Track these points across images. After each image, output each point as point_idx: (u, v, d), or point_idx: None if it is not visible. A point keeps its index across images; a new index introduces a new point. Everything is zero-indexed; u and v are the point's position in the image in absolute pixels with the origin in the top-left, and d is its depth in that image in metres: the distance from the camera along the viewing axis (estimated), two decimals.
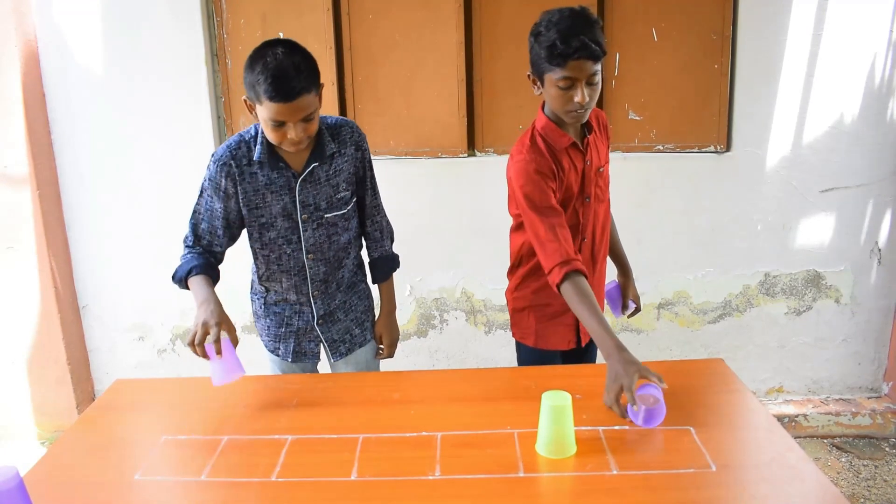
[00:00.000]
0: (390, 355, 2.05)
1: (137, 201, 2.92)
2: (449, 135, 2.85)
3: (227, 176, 1.72)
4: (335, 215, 1.81)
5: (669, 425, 1.43)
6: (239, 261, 1.94)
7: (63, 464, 1.41)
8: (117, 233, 2.95)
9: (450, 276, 2.98)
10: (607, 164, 1.88)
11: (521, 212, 1.75)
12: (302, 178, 1.74)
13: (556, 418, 1.32)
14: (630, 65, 2.74)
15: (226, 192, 1.74)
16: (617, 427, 1.43)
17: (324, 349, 1.96)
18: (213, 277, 1.76)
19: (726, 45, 2.75)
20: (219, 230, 1.78)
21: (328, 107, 2.80)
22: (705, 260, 2.95)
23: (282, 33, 2.77)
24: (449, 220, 2.91)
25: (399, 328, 2.07)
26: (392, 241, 2.02)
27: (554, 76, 1.60)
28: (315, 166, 1.75)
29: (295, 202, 1.76)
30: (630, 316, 2.07)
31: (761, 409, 1.51)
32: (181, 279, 1.73)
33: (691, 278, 2.96)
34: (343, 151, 1.79)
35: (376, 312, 2.04)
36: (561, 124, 1.74)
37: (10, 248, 2.86)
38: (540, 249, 1.69)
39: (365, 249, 2.01)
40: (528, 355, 1.95)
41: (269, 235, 1.79)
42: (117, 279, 3.00)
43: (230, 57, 2.81)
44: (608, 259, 2.02)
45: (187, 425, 1.53)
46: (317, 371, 2.01)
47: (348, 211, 1.84)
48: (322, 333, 1.93)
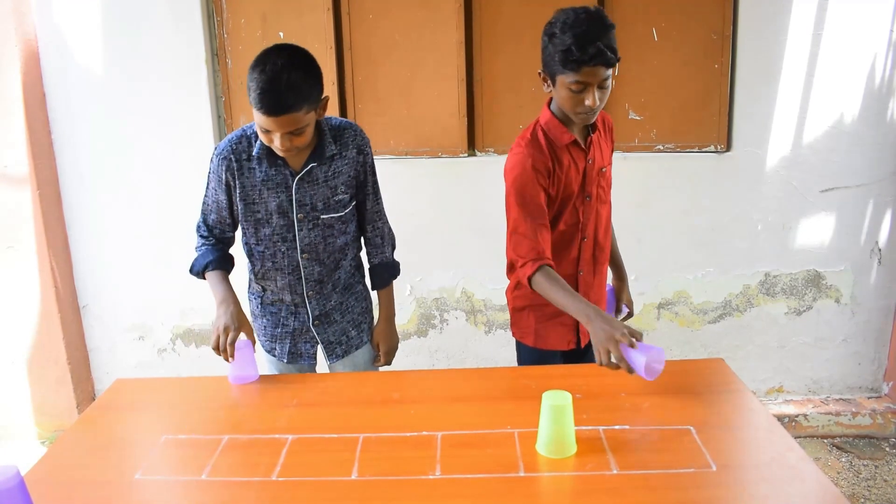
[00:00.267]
0: (388, 363, 2.03)
1: (137, 201, 2.92)
2: (449, 135, 2.85)
3: (226, 169, 1.75)
4: (332, 217, 1.81)
5: (669, 425, 1.43)
6: (238, 261, 1.94)
7: (63, 463, 1.41)
8: (117, 233, 2.95)
9: (450, 276, 2.98)
10: (610, 166, 1.88)
11: (506, 202, 1.75)
12: (299, 177, 1.74)
13: (556, 418, 1.33)
14: (630, 65, 2.74)
15: (227, 185, 1.77)
16: (617, 427, 1.43)
17: (321, 351, 1.96)
18: (229, 269, 1.86)
19: (726, 45, 2.75)
20: (227, 220, 1.84)
21: (328, 107, 2.79)
22: (705, 260, 2.95)
23: (282, 33, 2.77)
24: (449, 220, 2.91)
25: (398, 335, 2.05)
26: (393, 247, 2.01)
27: (567, 79, 1.60)
28: (314, 166, 1.75)
29: (291, 200, 1.76)
30: (622, 321, 2.05)
31: (761, 409, 1.51)
32: (198, 273, 1.82)
33: (691, 278, 2.96)
34: (344, 154, 1.79)
35: (375, 314, 2.03)
36: (566, 121, 1.74)
37: (10, 248, 2.86)
38: (514, 242, 1.71)
39: (365, 255, 2.00)
40: (528, 355, 1.95)
41: (265, 232, 1.80)
42: (117, 279, 3.00)
43: (230, 57, 2.81)
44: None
45: (187, 425, 1.53)
46: (314, 372, 2.01)
47: (346, 214, 1.84)
48: (318, 335, 1.92)
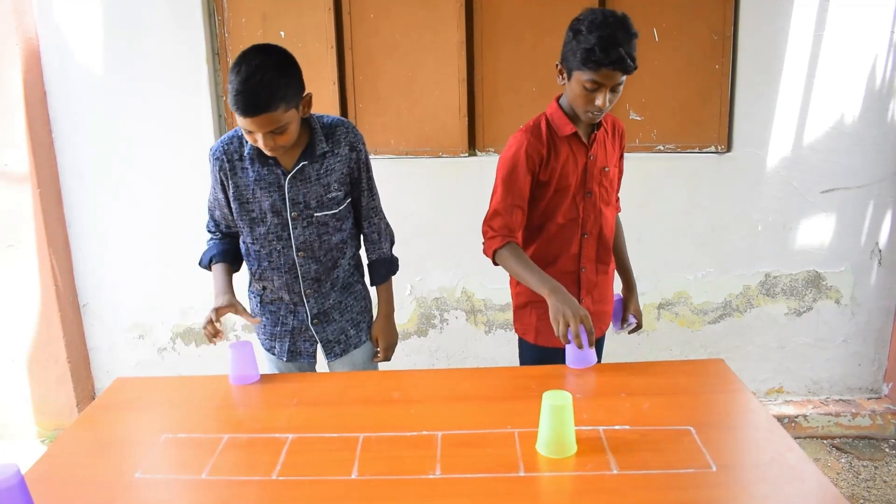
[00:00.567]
0: (387, 359, 2.02)
1: (138, 200, 2.92)
2: (449, 134, 2.85)
3: (220, 170, 1.78)
4: (326, 215, 1.81)
5: (669, 425, 1.43)
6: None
7: (63, 462, 1.41)
8: (118, 231, 2.95)
9: (450, 276, 2.98)
10: (615, 169, 1.90)
11: (495, 178, 1.81)
12: (291, 176, 1.75)
13: (556, 418, 1.33)
14: None
15: (223, 185, 1.80)
16: (617, 427, 1.43)
17: (321, 349, 1.96)
18: (234, 262, 1.90)
19: (727, 46, 2.75)
20: (230, 216, 1.86)
21: (329, 107, 2.80)
22: (705, 260, 2.95)
23: (283, 33, 2.77)
24: (449, 220, 2.91)
25: (398, 332, 2.05)
26: (391, 243, 2.00)
27: (583, 76, 1.64)
28: (305, 165, 1.75)
29: (284, 199, 1.77)
30: (631, 332, 2.05)
31: (761, 409, 1.51)
32: (205, 266, 1.89)
33: (691, 278, 2.96)
34: (336, 151, 1.79)
35: (375, 314, 2.03)
36: (572, 116, 1.78)
37: (10, 247, 2.86)
38: (489, 215, 1.79)
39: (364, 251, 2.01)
40: (530, 351, 1.95)
41: (260, 231, 1.81)
42: (118, 278, 3.00)
43: (231, 56, 2.81)
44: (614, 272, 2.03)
45: (188, 424, 1.53)
46: (314, 371, 2.01)
47: (340, 211, 1.84)
48: (317, 333, 1.92)
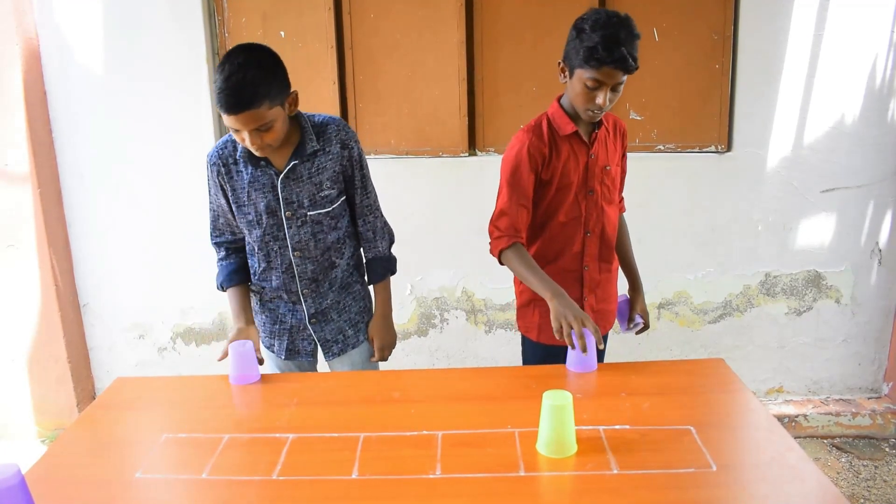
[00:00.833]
0: (383, 359, 2.00)
1: (138, 200, 2.92)
2: (450, 134, 2.85)
3: (217, 175, 1.79)
4: (319, 213, 1.81)
5: (669, 425, 1.43)
6: None
7: (63, 462, 1.41)
8: (118, 231, 2.95)
9: (450, 276, 2.98)
10: (617, 168, 1.91)
11: (500, 180, 1.82)
12: (284, 176, 1.75)
13: (556, 417, 1.32)
14: None
15: (222, 189, 1.81)
16: (617, 427, 1.43)
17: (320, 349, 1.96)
18: (247, 279, 1.92)
19: (727, 45, 2.75)
20: (233, 221, 1.86)
21: (329, 107, 2.80)
22: (705, 260, 2.95)
23: (283, 32, 2.77)
24: (449, 220, 2.91)
25: (396, 332, 2.02)
26: (390, 242, 1.98)
27: (585, 74, 1.66)
28: (296, 164, 1.75)
29: (278, 199, 1.77)
30: (638, 332, 2.04)
31: (761, 409, 1.51)
32: (221, 289, 1.92)
33: (691, 278, 2.96)
34: (327, 150, 1.78)
35: None
36: (573, 116, 1.79)
37: (10, 247, 2.86)
38: (495, 216, 1.81)
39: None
40: (532, 349, 1.96)
41: (257, 233, 1.82)
42: (118, 277, 3.00)
43: None
44: (618, 271, 2.03)
45: (188, 424, 1.53)
46: (315, 370, 2.01)
47: (334, 209, 1.83)
48: (315, 332, 1.93)
